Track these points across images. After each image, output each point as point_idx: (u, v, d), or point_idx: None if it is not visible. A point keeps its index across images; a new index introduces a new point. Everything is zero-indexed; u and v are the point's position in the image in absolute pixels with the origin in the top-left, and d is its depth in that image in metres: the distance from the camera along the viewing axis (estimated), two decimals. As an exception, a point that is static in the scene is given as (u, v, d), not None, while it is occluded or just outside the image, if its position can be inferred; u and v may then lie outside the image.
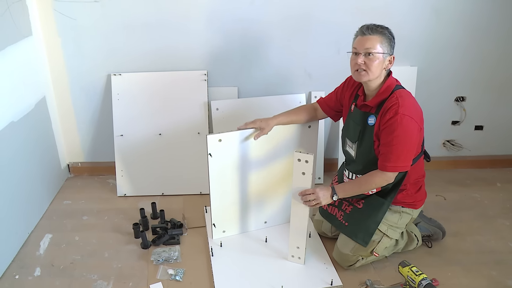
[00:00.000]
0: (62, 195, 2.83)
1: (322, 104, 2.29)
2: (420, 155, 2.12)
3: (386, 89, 1.99)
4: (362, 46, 1.94)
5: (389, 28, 1.98)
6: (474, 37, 2.82)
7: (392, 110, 1.92)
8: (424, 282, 1.87)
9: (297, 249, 2.21)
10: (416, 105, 2.01)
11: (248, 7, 2.65)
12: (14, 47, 2.32)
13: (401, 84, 2.06)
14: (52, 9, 2.59)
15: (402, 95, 1.96)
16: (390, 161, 1.95)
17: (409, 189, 2.14)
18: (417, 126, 1.95)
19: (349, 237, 2.17)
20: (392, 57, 1.98)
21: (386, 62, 1.97)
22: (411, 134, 1.93)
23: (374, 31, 1.93)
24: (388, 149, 1.95)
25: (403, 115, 1.89)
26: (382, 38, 1.93)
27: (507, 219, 2.62)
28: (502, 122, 3.11)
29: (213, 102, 2.78)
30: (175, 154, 2.80)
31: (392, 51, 1.98)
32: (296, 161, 2.01)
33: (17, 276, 2.15)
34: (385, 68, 1.98)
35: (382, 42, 1.93)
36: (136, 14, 2.63)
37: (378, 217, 2.11)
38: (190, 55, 2.75)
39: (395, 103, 1.93)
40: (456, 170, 3.19)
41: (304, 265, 2.22)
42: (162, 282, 2.11)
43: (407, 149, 1.95)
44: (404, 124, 1.90)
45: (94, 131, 2.94)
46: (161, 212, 2.54)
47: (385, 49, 1.94)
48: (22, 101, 2.43)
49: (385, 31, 1.94)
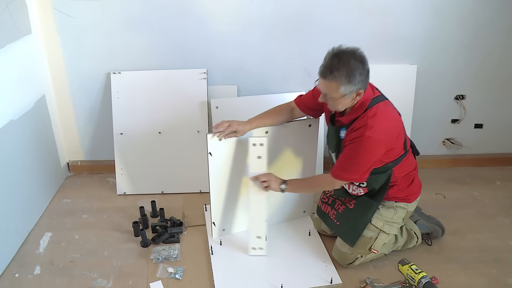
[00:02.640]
0: (62, 193, 2.83)
1: (300, 105, 2.22)
2: (404, 154, 2.08)
3: (360, 106, 1.94)
4: (321, 88, 1.91)
5: (356, 53, 1.83)
6: (474, 35, 2.82)
7: (359, 131, 1.91)
8: (424, 280, 1.87)
9: (257, 239, 2.23)
10: (390, 120, 1.95)
11: (248, 6, 2.64)
12: (13, 45, 2.32)
13: (380, 94, 2.00)
14: (51, 7, 2.58)
15: (376, 113, 1.90)
16: (343, 172, 1.99)
17: (400, 184, 2.12)
18: (382, 145, 1.91)
19: (339, 236, 2.20)
20: (359, 91, 1.87)
21: (353, 96, 1.89)
22: (371, 155, 1.92)
23: (330, 76, 1.82)
24: (346, 161, 1.97)
25: (368, 137, 1.87)
26: (338, 83, 1.82)
27: (507, 217, 2.63)
28: (502, 121, 3.11)
29: (212, 101, 2.78)
30: (174, 153, 2.80)
31: (357, 87, 1.84)
32: (251, 146, 2.08)
33: (17, 275, 2.15)
34: (353, 100, 1.91)
35: (339, 86, 1.83)
36: (135, 12, 2.63)
37: (367, 218, 2.12)
38: (189, 53, 2.75)
39: (364, 124, 1.89)
40: (455, 168, 3.19)
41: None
42: (162, 280, 2.11)
43: (363, 164, 1.94)
44: (367, 146, 1.89)
45: (93, 130, 2.94)
46: (161, 211, 2.54)
47: (346, 90, 1.84)
48: (22, 99, 2.43)
49: (341, 73, 1.80)
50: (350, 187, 2.16)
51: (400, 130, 2.02)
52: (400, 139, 2.03)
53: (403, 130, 2.05)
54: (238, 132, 2.13)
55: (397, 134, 1.99)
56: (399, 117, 2.04)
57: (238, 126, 2.12)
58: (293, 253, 2.29)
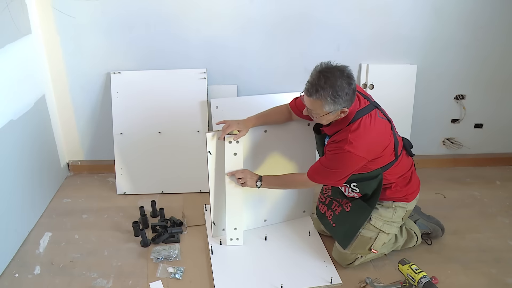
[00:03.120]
0: (62, 193, 2.83)
1: (295, 109, 2.20)
2: (394, 161, 2.06)
3: (343, 120, 1.93)
4: (306, 103, 1.90)
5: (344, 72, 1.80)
6: (474, 35, 2.82)
7: (338, 144, 1.91)
8: (424, 280, 1.87)
9: (234, 230, 2.30)
10: (371, 135, 1.91)
11: (248, 6, 2.64)
12: (13, 45, 2.32)
13: (368, 104, 1.96)
14: (51, 7, 2.58)
15: (358, 128, 1.89)
16: (318, 175, 2.02)
17: (397, 185, 2.12)
18: (361, 159, 1.90)
19: (334, 238, 2.21)
20: (345, 109, 1.86)
21: (337, 113, 1.87)
22: (347, 167, 1.93)
23: (315, 94, 1.80)
24: (323, 168, 1.98)
25: (347, 151, 1.87)
26: (323, 101, 1.80)
27: (507, 217, 2.63)
28: (502, 120, 3.10)
29: (212, 100, 2.78)
30: (174, 152, 2.80)
31: (342, 105, 1.82)
32: (227, 143, 2.12)
33: (17, 275, 2.15)
34: (337, 117, 1.90)
35: (324, 105, 1.82)
36: (135, 12, 2.62)
37: (359, 222, 2.12)
38: (189, 53, 2.74)
39: (344, 139, 1.89)
40: (455, 168, 3.19)
41: (242, 245, 2.34)
42: (162, 280, 2.11)
43: (339, 175, 1.97)
44: (344, 159, 1.90)
45: (93, 129, 2.94)
46: (161, 210, 2.54)
47: (330, 108, 1.82)
48: (22, 99, 2.43)
49: (327, 93, 1.78)
50: (346, 190, 2.17)
51: (387, 141, 1.99)
52: (388, 149, 2.01)
53: (392, 139, 2.01)
54: (242, 130, 2.14)
55: (383, 146, 1.97)
56: (387, 127, 2.00)
57: (238, 126, 2.13)
58: (293, 253, 2.29)
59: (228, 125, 2.12)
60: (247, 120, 2.18)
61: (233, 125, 2.12)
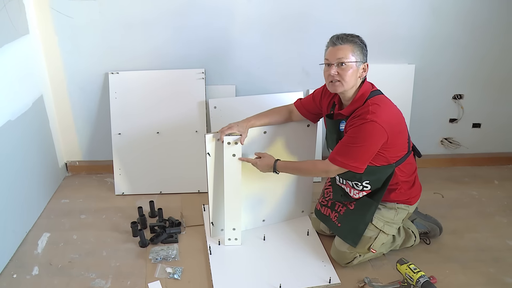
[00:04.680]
0: (60, 194, 2.82)
1: (300, 107, 2.24)
2: (407, 154, 2.09)
3: (360, 97, 1.98)
4: (334, 56, 1.93)
5: (360, 36, 1.97)
6: (471, 35, 2.82)
7: (360, 116, 1.92)
8: (422, 279, 1.87)
9: (233, 231, 2.30)
10: (391, 110, 1.98)
11: (246, 5, 2.64)
12: (10, 45, 2.31)
13: (377, 89, 2.04)
14: (49, 7, 2.58)
15: (376, 102, 1.94)
16: (341, 156, 1.98)
17: (402, 187, 2.13)
18: (384, 133, 1.91)
19: (340, 237, 2.19)
20: (366, 64, 1.98)
21: (360, 71, 1.96)
22: (372, 140, 1.92)
23: (345, 40, 1.92)
24: (345, 146, 1.97)
25: (371, 121, 1.88)
26: (353, 47, 1.92)
27: (505, 217, 2.63)
28: (500, 120, 3.11)
29: (210, 101, 2.78)
30: (173, 153, 2.79)
31: (365, 59, 1.97)
32: (226, 145, 2.12)
33: (15, 275, 2.15)
34: (359, 76, 1.97)
35: (354, 51, 1.92)
36: (133, 12, 2.62)
37: (367, 218, 2.12)
38: (187, 53, 2.74)
39: (366, 110, 1.91)
40: (453, 167, 3.20)
41: (241, 245, 2.33)
42: (160, 280, 2.11)
43: (363, 152, 1.94)
44: (368, 129, 1.89)
45: (91, 130, 2.93)
46: (159, 211, 2.54)
47: (358, 58, 1.93)
48: (19, 99, 2.42)
49: (356, 40, 1.94)
50: (351, 191, 2.16)
51: (402, 126, 2.03)
52: (403, 136, 2.03)
53: (405, 128, 2.06)
54: (244, 132, 2.14)
55: (399, 128, 2.00)
56: (401, 114, 2.04)
57: (239, 128, 2.14)
58: (291, 253, 2.29)
59: (228, 127, 2.13)
60: (246, 121, 2.19)
61: (233, 127, 2.13)
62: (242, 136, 2.12)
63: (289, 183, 2.45)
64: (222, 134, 2.12)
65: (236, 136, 2.12)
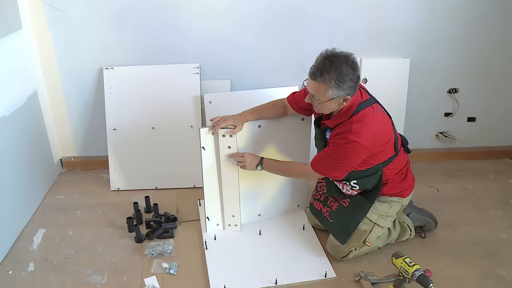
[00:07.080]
0: (55, 189, 2.81)
1: (292, 103, 2.21)
2: (394, 156, 2.08)
3: (346, 111, 1.93)
4: (309, 88, 1.89)
5: (349, 58, 1.82)
6: (466, 29, 2.83)
7: (343, 135, 1.91)
8: (417, 273, 1.88)
9: (232, 217, 2.34)
10: (375, 125, 1.92)
11: (240, 0, 2.63)
12: (3, 40, 2.30)
13: (367, 98, 1.97)
14: (42, 1, 2.55)
15: (361, 119, 1.89)
16: (323, 166, 2.01)
17: (393, 181, 2.14)
18: (366, 150, 1.91)
19: (331, 233, 2.21)
20: (347, 97, 1.85)
21: (340, 101, 1.87)
22: (353, 157, 1.93)
23: (320, 78, 1.80)
24: (327, 158, 1.98)
25: (352, 141, 1.87)
26: (327, 86, 1.80)
27: (499, 210, 2.65)
28: (495, 114, 3.12)
29: (206, 95, 2.77)
30: (168, 148, 2.79)
31: (345, 92, 1.83)
32: (221, 137, 2.15)
33: (10, 272, 2.14)
34: (339, 106, 1.90)
35: (328, 90, 1.81)
36: (127, 7, 2.60)
37: (359, 217, 2.13)
38: (182, 48, 2.73)
39: (349, 129, 1.89)
40: (449, 161, 3.21)
41: (240, 231, 2.39)
42: (156, 275, 2.11)
43: (345, 166, 1.96)
44: (350, 149, 1.90)
45: (86, 125, 2.92)
46: (155, 206, 2.54)
47: (334, 94, 1.82)
48: (13, 95, 2.41)
49: (331, 77, 1.78)
50: (344, 187, 2.17)
51: (389, 134, 2.01)
52: (389, 144, 2.02)
53: (393, 134, 2.04)
54: (238, 125, 2.14)
55: (385, 139, 1.99)
56: (388, 121, 2.02)
57: (234, 121, 2.13)
58: (287, 247, 2.30)
59: (223, 119, 2.12)
60: (241, 115, 2.18)
61: (228, 120, 2.12)
62: (236, 127, 2.13)
63: (285, 177, 2.45)
64: (217, 127, 2.11)
65: (230, 128, 2.13)
